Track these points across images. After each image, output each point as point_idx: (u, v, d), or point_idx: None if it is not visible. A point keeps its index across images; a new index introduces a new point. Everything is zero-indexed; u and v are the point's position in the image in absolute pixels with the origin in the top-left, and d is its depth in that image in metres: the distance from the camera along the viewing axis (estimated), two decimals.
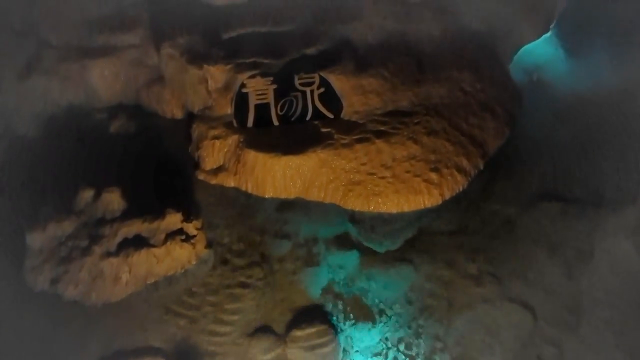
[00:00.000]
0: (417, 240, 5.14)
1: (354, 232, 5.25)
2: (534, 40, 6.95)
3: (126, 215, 4.95)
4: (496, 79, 6.15)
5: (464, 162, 5.44)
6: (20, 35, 6.34)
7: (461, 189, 5.38)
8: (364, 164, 5.29)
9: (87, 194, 5.06)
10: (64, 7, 6.45)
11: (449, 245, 5.09)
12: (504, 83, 6.21)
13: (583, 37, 7.29)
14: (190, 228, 4.93)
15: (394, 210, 5.18)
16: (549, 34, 7.22)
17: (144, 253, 4.68)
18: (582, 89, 6.69)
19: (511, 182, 5.57)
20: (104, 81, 6.31)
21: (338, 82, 5.73)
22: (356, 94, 5.74)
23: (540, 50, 7.21)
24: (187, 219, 4.97)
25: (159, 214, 4.89)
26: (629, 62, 6.64)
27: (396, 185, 5.18)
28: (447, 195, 5.28)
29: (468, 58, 6.14)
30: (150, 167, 5.71)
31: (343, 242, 5.20)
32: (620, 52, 6.83)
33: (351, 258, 5.07)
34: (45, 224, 4.82)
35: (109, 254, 4.65)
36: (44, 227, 4.80)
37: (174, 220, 4.87)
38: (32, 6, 6.41)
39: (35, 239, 4.79)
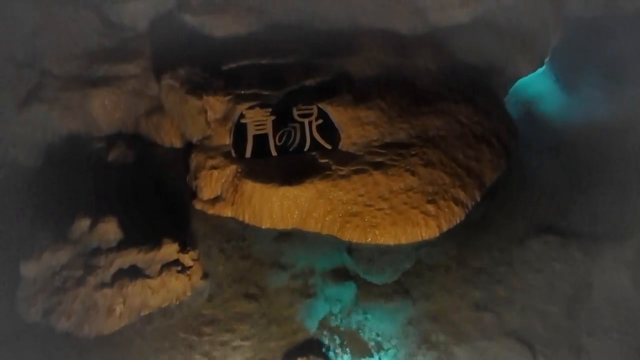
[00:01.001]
0: (414, 273, 5.09)
1: (351, 264, 5.21)
2: (529, 74, 7.08)
3: (122, 245, 4.91)
4: (492, 111, 6.22)
5: (461, 194, 5.45)
6: (22, 66, 6.43)
7: (458, 221, 5.37)
8: (361, 196, 5.30)
9: (84, 224, 5.03)
10: (67, 39, 6.58)
11: (447, 278, 5.04)
12: (500, 116, 6.29)
13: (577, 72, 7.43)
14: (186, 259, 4.89)
15: (391, 242, 5.16)
16: (543, 68, 7.37)
17: (138, 284, 4.63)
18: (577, 122, 6.79)
19: (508, 214, 5.56)
20: (104, 110, 6.38)
21: (336, 113, 5.79)
22: (354, 126, 5.79)
23: (536, 84, 7.34)
24: (183, 249, 4.93)
25: (155, 244, 4.86)
26: (622, 98, 6.76)
27: (393, 217, 5.18)
28: (445, 227, 5.28)
29: (464, 91, 6.23)
30: (147, 196, 5.71)
31: (340, 274, 5.14)
32: (614, 87, 6.97)
33: (348, 290, 5.01)
34: (41, 254, 4.77)
35: (103, 285, 4.59)
36: (39, 257, 4.75)
37: (170, 250, 4.84)
38: (36, 38, 6.53)
39: (30, 269, 4.74)
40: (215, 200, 5.60)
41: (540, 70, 7.30)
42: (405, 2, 7.21)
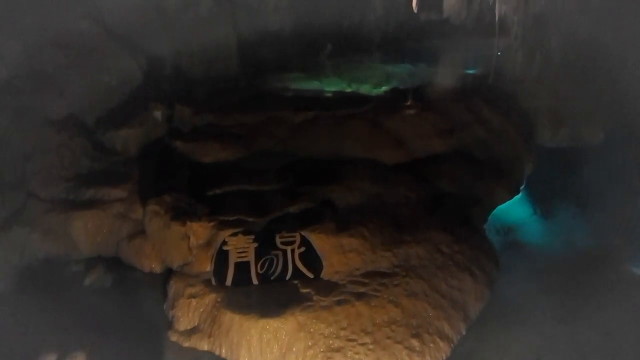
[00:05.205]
0: None
1: None
2: (507, 201, 7.32)
3: None
4: (472, 240, 6.30)
5: (446, 327, 5.31)
6: (9, 188, 6.50)
7: (444, 357, 5.16)
8: (343, 329, 5.13)
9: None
10: (57, 163, 6.74)
11: None
12: (480, 244, 6.36)
13: (551, 199, 7.73)
14: None
15: None
16: (519, 195, 7.65)
17: None
18: (556, 249, 6.90)
19: (495, 348, 5.38)
20: (86, 234, 6.33)
21: (319, 241, 5.81)
22: (336, 254, 5.78)
23: (513, 211, 7.56)
24: None
25: None
26: (597, 225, 6.96)
27: (377, 353, 4.97)
28: None
29: (444, 220, 6.35)
30: (122, 324, 5.50)
31: None
32: (588, 214, 7.21)
33: None
34: None
35: None
36: None
37: None
38: (26, 161, 6.68)
39: None
40: (192, 331, 5.37)
41: (516, 197, 7.56)
42: (385, 133, 7.66)
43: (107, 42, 8.56)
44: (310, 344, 5.08)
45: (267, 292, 5.49)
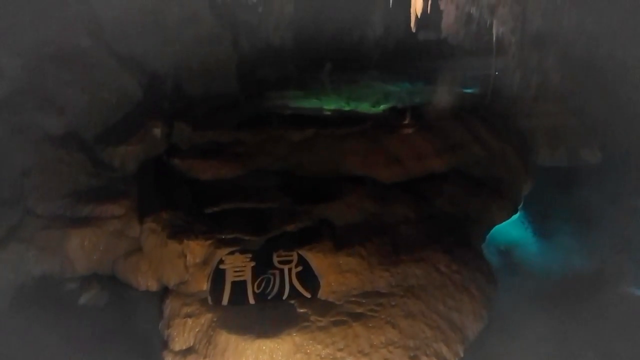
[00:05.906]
0: None
1: None
2: (504, 221, 7.32)
3: None
4: (470, 260, 6.28)
5: (444, 349, 5.25)
6: (6, 205, 6.48)
7: None
8: (340, 350, 5.07)
9: None
10: (55, 179, 6.72)
11: None
12: (478, 264, 6.33)
13: (549, 219, 7.74)
14: None
15: None
16: (517, 215, 7.65)
17: None
18: (554, 269, 6.88)
19: None
20: (82, 251, 6.27)
21: (316, 260, 5.77)
22: (334, 273, 5.75)
23: (511, 231, 7.56)
24: None
25: None
26: (595, 246, 6.95)
27: None
28: None
29: (442, 239, 6.33)
30: (115, 345, 5.46)
31: None
32: (586, 235, 7.20)
33: None
34: None
35: None
36: None
37: None
38: (25, 178, 6.67)
39: None
40: (187, 351, 5.29)
41: (514, 217, 7.56)
42: (383, 151, 7.68)
43: (108, 59, 8.64)
44: None
45: (263, 312, 5.43)
